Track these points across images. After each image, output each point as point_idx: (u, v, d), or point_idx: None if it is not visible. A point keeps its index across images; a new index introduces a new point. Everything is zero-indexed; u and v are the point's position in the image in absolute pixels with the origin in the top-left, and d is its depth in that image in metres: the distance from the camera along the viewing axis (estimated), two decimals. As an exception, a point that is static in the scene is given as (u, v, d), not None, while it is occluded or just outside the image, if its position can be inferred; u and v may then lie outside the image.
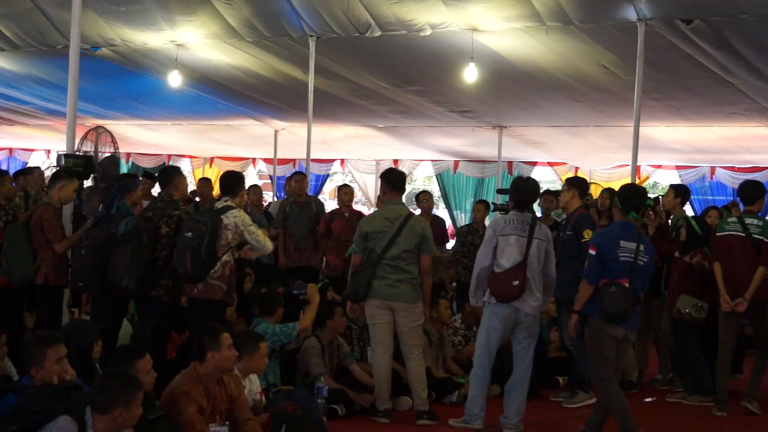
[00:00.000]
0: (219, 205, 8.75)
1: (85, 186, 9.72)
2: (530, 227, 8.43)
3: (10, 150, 29.22)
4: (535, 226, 8.47)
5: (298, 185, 12.95)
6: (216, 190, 11.90)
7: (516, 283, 8.29)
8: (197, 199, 14.40)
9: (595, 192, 13.03)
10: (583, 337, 9.84)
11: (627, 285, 7.80)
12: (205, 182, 15.05)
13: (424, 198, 13.64)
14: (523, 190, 8.70)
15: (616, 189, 9.91)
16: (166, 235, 8.61)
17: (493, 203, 10.91)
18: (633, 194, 8.29)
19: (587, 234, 9.43)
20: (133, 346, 7.73)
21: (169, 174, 9.17)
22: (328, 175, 26.90)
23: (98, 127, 9.79)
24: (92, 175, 9.79)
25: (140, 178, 10.22)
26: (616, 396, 7.99)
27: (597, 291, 7.87)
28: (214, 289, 8.47)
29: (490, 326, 8.51)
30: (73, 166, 9.20)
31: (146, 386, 6.18)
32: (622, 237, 7.90)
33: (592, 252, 7.97)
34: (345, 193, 13.31)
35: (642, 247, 7.91)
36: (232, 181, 9.05)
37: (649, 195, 10.02)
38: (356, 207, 14.88)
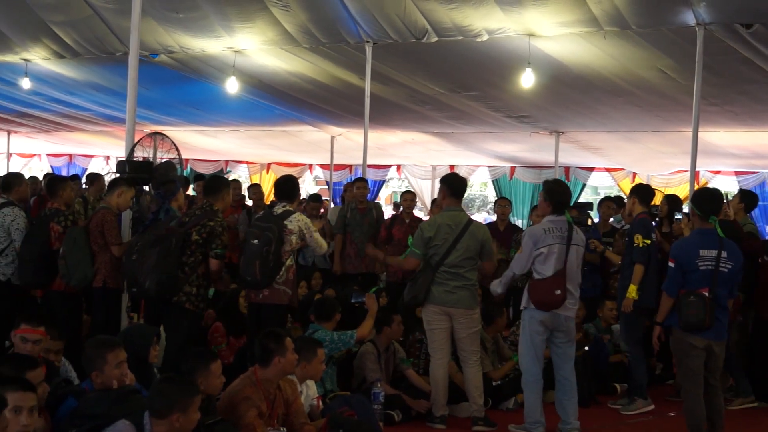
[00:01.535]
0: (278, 210, 8.80)
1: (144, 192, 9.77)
2: (568, 233, 8.37)
3: (70, 156, 29.58)
4: (572, 231, 8.41)
5: (359, 191, 12.94)
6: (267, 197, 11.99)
7: (558, 292, 8.25)
8: (250, 203, 14.48)
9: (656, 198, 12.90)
10: (639, 344, 9.81)
11: (707, 294, 7.67)
12: (256, 188, 15.10)
13: (501, 204, 13.57)
14: (558, 192, 8.62)
15: (677, 195, 9.85)
16: (195, 243, 8.51)
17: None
18: (709, 198, 8.05)
19: (637, 239, 9.42)
20: (206, 350, 7.76)
21: (218, 185, 9.05)
22: (384, 181, 26.91)
23: (156, 133, 9.82)
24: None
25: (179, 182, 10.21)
26: (693, 409, 7.90)
27: (677, 301, 7.79)
28: (279, 294, 8.59)
29: (532, 330, 8.44)
30: (135, 172, 9.26)
31: (215, 390, 6.24)
32: (701, 246, 7.76)
33: (671, 264, 7.86)
34: (406, 198, 13.31)
35: (725, 254, 7.75)
36: (288, 185, 9.10)
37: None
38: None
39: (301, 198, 14.47)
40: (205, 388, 6.14)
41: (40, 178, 16.50)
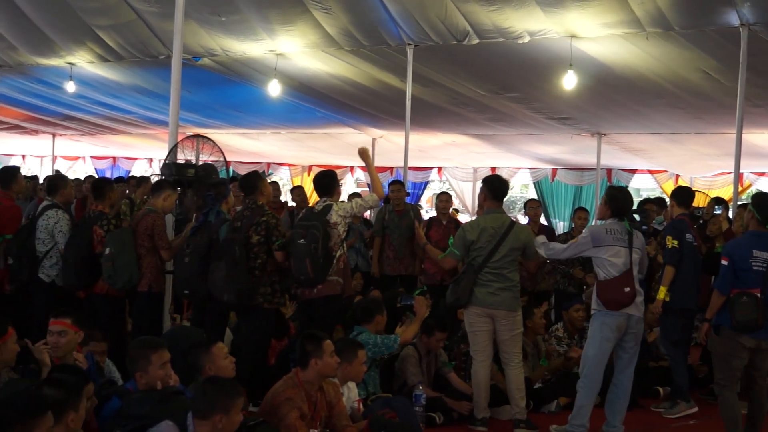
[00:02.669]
0: (319, 207, 8.87)
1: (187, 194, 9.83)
2: (628, 236, 8.31)
3: (114, 159, 29.80)
4: (633, 236, 8.35)
5: (395, 194, 12.95)
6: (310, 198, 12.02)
7: (627, 289, 8.14)
8: (293, 204, 14.53)
9: (702, 200, 12.81)
10: (677, 346, 9.76)
11: (758, 295, 7.71)
12: (299, 190, 15.15)
13: (532, 206, 13.55)
14: (620, 199, 8.56)
15: (720, 197, 9.78)
16: (257, 243, 8.69)
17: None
18: None
19: (668, 241, 9.45)
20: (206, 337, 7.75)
21: (253, 181, 9.18)
22: (426, 183, 26.88)
23: (198, 135, 9.87)
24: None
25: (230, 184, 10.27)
26: (732, 406, 7.97)
27: (728, 301, 7.80)
28: (332, 285, 8.72)
29: (603, 337, 8.28)
30: (180, 175, 9.33)
31: (227, 372, 6.24)
32: (754, 246, 7.82)
33: (724, 262, 7.90)
34: (441, 200, 13.29)
35: None
36: (326, 180, 9.19)
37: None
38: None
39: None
40: (215, 372, 6.19)
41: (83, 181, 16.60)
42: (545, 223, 16.92)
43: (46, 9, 14.81)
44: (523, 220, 13.13)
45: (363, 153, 9.38)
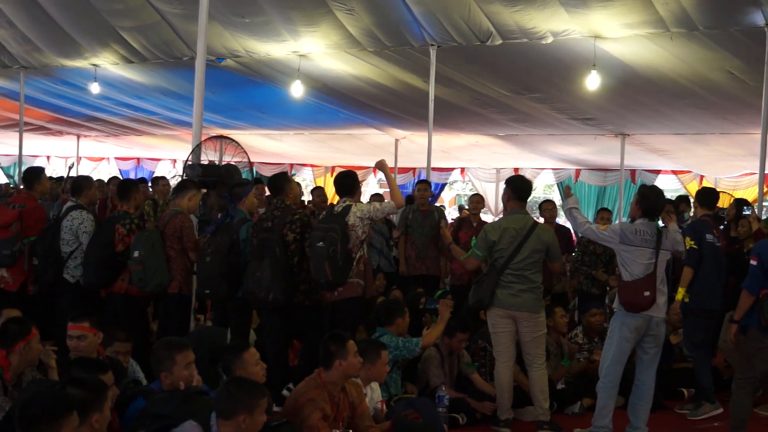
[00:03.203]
0: (338, 208, 8.81)
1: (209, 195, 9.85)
2: (657, 238, 8.26)
3: (138, 160, 29.94)
4: (661, 237, 8.29)
5: (420, 194, 12.91)
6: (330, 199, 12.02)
7: (647, 294, 8.09)
8: (310, 205, 14.54)
9: (726, 201, 12.76)
10: (700, 347, 9.72)
11: None
12: (319, 191, 15.16)
13: (546, 207, 13.49)
14: (650, 199, 8.51)
15: (745, 198, 9.75)
16: (293, 241, 8.73)
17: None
18: None
19: (687, 242, 9.36)
20: (238, 341, 7.77)
21: (280, 181, 9.22)
22: (446, 183, 26.87)
23: (221, 136, 9.90)
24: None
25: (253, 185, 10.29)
26: (744, 406, 7.94)
27: (758, 301, 7.75)
28: (353, 287, 8.63)
29: (622, 337, 8.24)
30: (205, 175, 9.35)
31: (258, 377, 6.25)
32: None
33: (753, 262, 7.86)
34: (473, 201, 13.28)
35: None
36: (348, 180, 9.10)
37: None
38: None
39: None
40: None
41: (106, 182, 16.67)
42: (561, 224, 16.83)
43: (71, 11, 14.91)
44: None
45: (381, 165, 9.36)
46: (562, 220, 14.86)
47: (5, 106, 21.69)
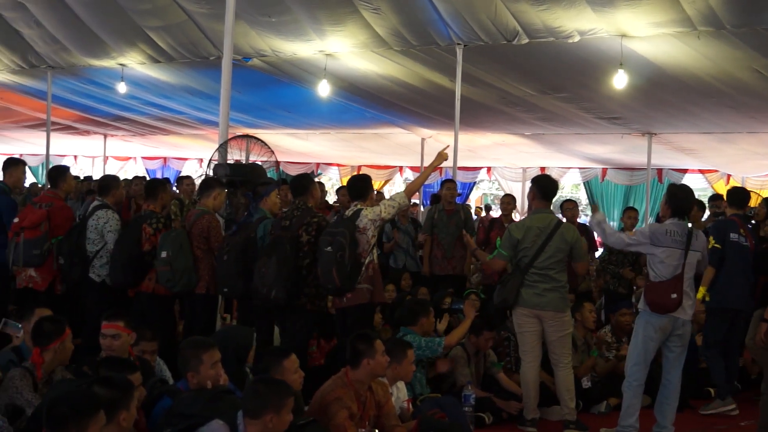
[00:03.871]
0: (349, 212, 8.79)
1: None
2: (687, 238, 8.21)
3: (164, 159, 30.07)
4: (692, 236, 8.24)
5: (449, 192, 12.86)
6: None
7: (674, 296, 8.06)
8: (336, 205, 14.55)
9: (754, 200, 12.69)
10: (715, 345, 9.70)
11: None
12: (343, 190, 15.13)
13: (568, 207, 13.45)
14: (679, 198, 8.46)
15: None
16: (307, 243, 8.67)
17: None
18: None
19: (710, 242, 9.32)
20: (279, 347, 7.83)
21: (304, 183, 9.17)
22: (474, 183, 26.83)
23: (247, 135, 9.93)
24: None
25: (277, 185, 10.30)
26: None
27: None
28: (362, 293, 8.54)
29: (646, 336, 8.24)
30: (234, 174, 9.37)
31: (295, 385, 6.26)
32: None
33: None
34: (504, 202, 13.26)
35: None
36: (360, 183, 9.09)
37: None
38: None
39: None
40: None
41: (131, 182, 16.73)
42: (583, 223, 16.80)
43: (98, 11, 14.97)
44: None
45: (443, 156, 9.45)
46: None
47: (33, 105, 21.79)
